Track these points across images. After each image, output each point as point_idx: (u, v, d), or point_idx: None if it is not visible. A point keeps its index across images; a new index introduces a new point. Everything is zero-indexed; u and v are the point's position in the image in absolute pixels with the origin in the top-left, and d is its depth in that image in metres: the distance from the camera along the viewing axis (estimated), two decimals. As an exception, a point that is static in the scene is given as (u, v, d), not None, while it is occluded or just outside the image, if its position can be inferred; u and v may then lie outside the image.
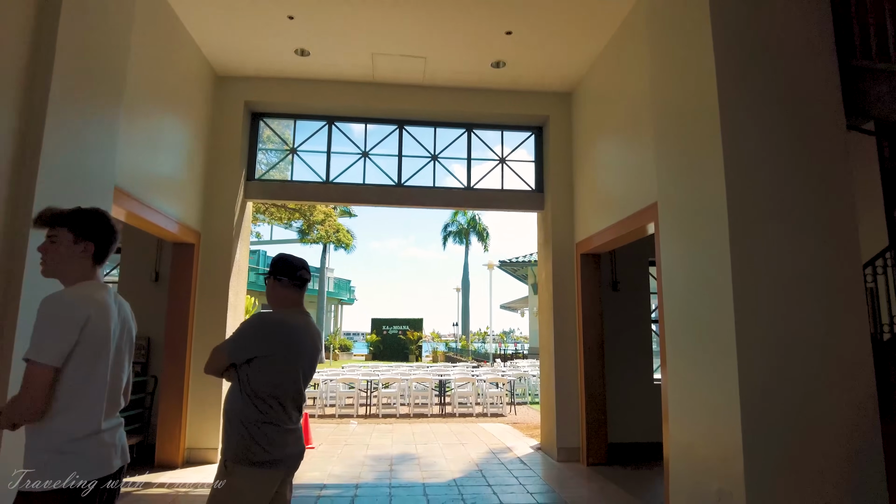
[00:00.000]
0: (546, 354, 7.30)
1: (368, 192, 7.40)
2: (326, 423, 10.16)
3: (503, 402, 11.85)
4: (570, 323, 7.00)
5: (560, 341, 6.96)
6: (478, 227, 35.68)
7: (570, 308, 7.03)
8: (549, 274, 7.23)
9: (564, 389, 6.88)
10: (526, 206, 7.61)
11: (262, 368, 2.44)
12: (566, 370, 6.91)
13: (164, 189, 5.85)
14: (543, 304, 7.47)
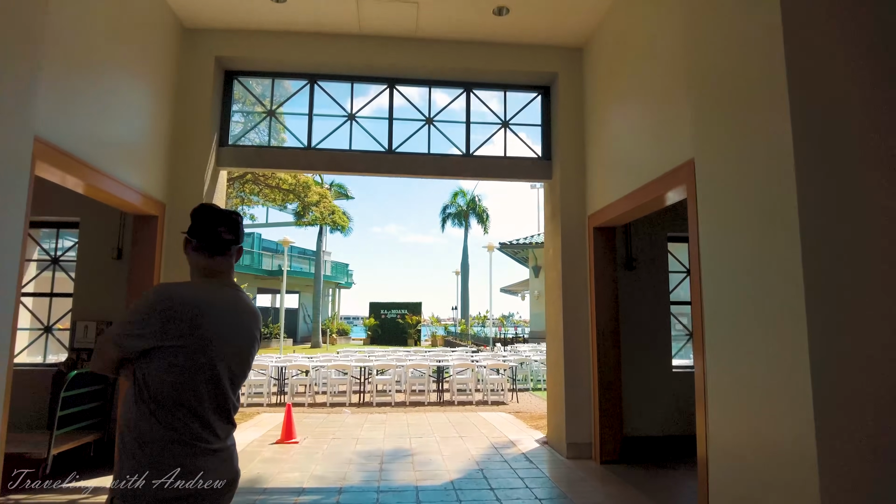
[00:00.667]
0: (554, 339, 6.58)
1: (355, 159, 6.62)
2: (316, 413, 9.49)
3: (504, 389, 11.19)
4: (581, 304, 6.27)
5: (570, 325, 6.23)
6: (478, 208, 34.86)
7: (582, 288, 6.29)
8: (557, 250, 6.48)
9: (575, 378, 6.17)
10: (531, 174, 6.83)
11: (164, 364, 1.70)
12: (577, 357, 6.19)
13: (123, 155, 5.10)
14: (551, 283, 6.74)
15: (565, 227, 6.38)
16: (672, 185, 4.49)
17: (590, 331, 6.16)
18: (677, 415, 6.54)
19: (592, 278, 6.12)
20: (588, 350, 6.19)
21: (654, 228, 6.89)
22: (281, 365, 10.97)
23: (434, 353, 15.95)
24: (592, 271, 6.12)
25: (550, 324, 6.75)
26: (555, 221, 6.61)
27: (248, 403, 10.44)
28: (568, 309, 6.25)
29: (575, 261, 6.33)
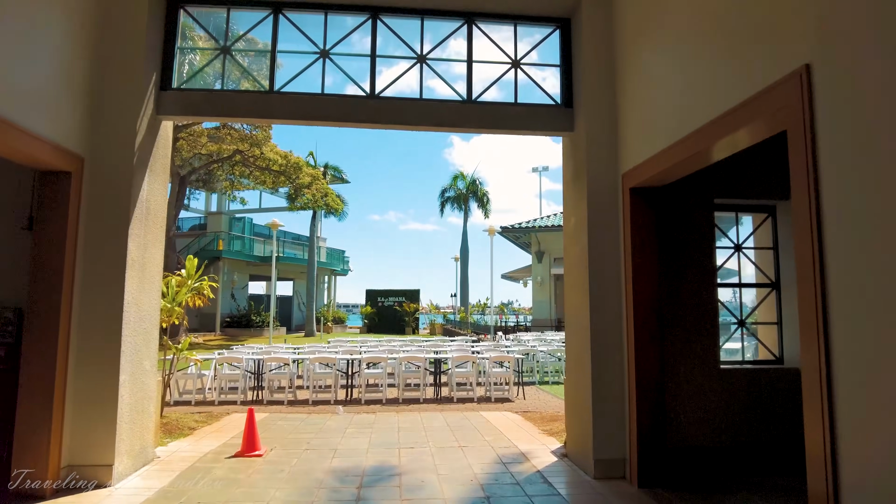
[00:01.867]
0: (577, 331, 5.32)
1: (329, 105, 5.31)
2: (295, 413, 8.26)
3: (510, 384, 9.97)
4: (613, 287, 4.99)
5: (599, 312, 4.96)
6: (479, 192, 33.50)
7: (613, 266, 5.01)
8: (581, 220, 5.19)
9: (605, 378, 4.91)
10: (549, 125, 5.52)
11: None
12: (607, 351, 4.93)
13: (23, 95, 3.83)
14: (573, 262, 5.46)
15: (593, 190, 5.09)
16: (756, 116, 3.21)
17: (624, 319, 4.89)
18: (728, 421, 5.30)
19: (629, 253, 4.84)
20: (622, 343, 4.93)
21: (696, 191, 5.60)
22: (258, 358, 9.73)
23: (432, 343, 14.73)
24: (629, 244, 4.84)
25: (572, 311, 5.48)
26: (578, 184, 5.31)
27: (220, 402, 9.21)
28: (597, 292, 4.97)
29: (605, 232, 5.05)
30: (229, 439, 6.28)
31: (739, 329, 5.94)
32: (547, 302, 25.86)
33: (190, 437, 6.34)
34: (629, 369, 4.79)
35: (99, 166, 4.69)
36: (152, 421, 5.18)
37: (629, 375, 4.79)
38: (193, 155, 26.01)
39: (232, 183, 29.44)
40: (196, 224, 33.79)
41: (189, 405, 8.98)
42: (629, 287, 4.80)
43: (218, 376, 9.46)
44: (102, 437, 4.43)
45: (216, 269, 30.37)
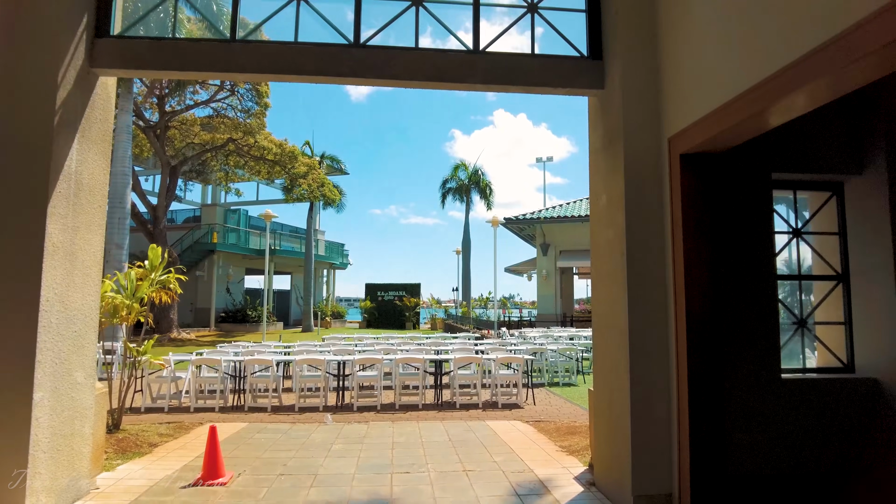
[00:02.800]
0: (609, 332, 4.34)
1: (303, 56, 4.31)
2: (278, 422, 7.31)
3: (518, 386, 9.01)
4: (657, 277, 4.01)
5: (639, 309, 3.98)
6: (481, 182, 32.46)
7: (657, 251, 4.03)
8: (616, 196, 4.20)
9: (647, 391, 3.94)
10: (572, 81, 4.51)
11: None
12: (650, 358, 3.96)
13: None
14: (604, 247, 4.48)
15: (631, 159, 4.09)
16: (853, 55, 2.24)
17: (672, 318, 3.90)
18: (791, 444, 4.34)
19: (678, 235, 3.85)
20: (668, 348, 3.95)
21: (751, 164, 4.60)
22: (238, 360, 8.77)
23: (432, 341, 13.79)
24: (678, 224, 3.85)
25: (602, 308, 4.50)
26: (611, 152, 4.32)
27: (196, 408, 8.26)
28: (637, 285, 3.99)
29: (646, 210, 4.06)
30: (193, 459, 5.32)
31: (799, 330, 4.96)
32: (552, 296, 24.91)
33: (147, 457, 5.39)
34: (678, 381, 3.82)
35: (4, 125, 3.71)
36: (88, 444, 4.22)
37: (678, 389, 3.82)
38: (186, 145, 25.04)
39: (226, 174, 28.45)
40: (190, 216, 32.81)
41: (161, 412, 8.04)
42: (679, 278, 3.81)
43: (194, 380, 8.51)
44: (7, 474, 3.47)
45: (210, 263, 29.45)
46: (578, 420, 7.53)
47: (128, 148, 15.85)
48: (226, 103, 24.12)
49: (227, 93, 23.38)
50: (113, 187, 15.71)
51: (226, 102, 24.10)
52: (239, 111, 24.06)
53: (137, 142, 25.10)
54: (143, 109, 23.33)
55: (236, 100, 23.87)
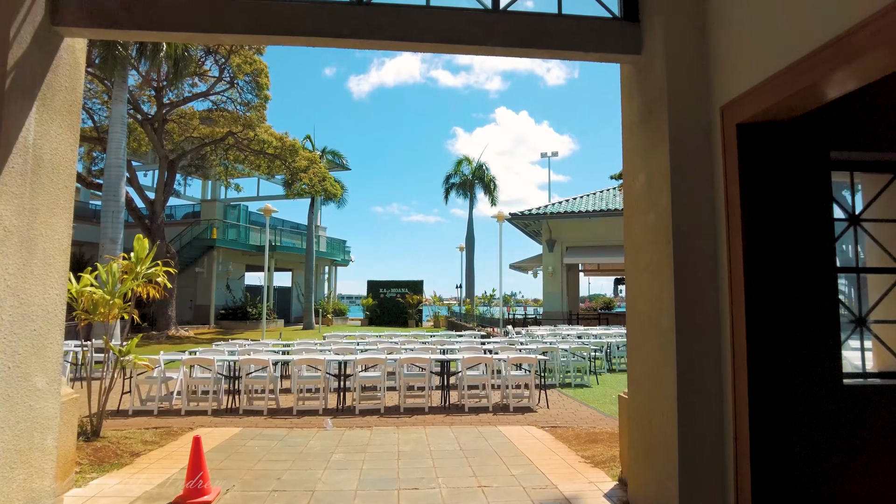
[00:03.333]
0: (648, 333, 3.78)
1: (300, 15, 3.76)
2: (274, 427, 6.79)
3: (531, 388, 8.45)
4: (708, 269, 3.45)
5: (689, 307, 3.42)
6: (485, 177, 31.86)
7: (709, 238, 3.47)
8: (659, 174, 3.64)
9: (697, 401, 3.39)
10: (604, 44, 3.95)
11: None
12: (700, 363, 3.40)
13: None
14: (642, 236, 3.92)
15: (678, 130, 3.53)
16: None
17: (728, 316, 3.35)
18: (856, 460, 3.78)
19: (736, 219, 3.29)
20: (720, 351, 3.40)
21: (807, 141, 4.03)
22: (234, 359, 8.24)
23: (437, 339, 13.25)
24: (736, 206, 3.28)
25: (640, 306, 3.94)
26: (652, 125, 3.76)
27: (187, 411, 7.74)
28: (686, 278, 3.43)
29: (695, 190, 3.50)
30: (178, 471, 4.79)
31: (858, 329, 4.40)
32: (558, 294, 24.35)
33: (126, 469, 4.85)
34: (735, 389, 3.26)
35: (-50, 90, 3.17)
36: (52, 459, 3.69)
37: (735, 398, 3.27)
38: (184, 138, 24.52)
39: (226, 168, 27.93)
40: (189, 212, 32.31)
41: (150, 416, 7.52)
42: (737, 268, 3.25)
43: (186, 381, 7.99)
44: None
45: (210, 259, 28.94)
46: (598, 425, 6.99)
47: (122, 139, 15.32)
48: (225, 96, 23.60)
49: (227, 84, 22.84)
50: (107, 180, 15.21)
51: (225, 95, 23.57)
52: (238, 104, 23.54)
53: (135, 136, 24.60)
54: (140, 102, 22.83)
55: (236, 92, 23.34)
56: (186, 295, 28.58)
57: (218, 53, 21.46)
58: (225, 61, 21.29)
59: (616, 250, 23.62)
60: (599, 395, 9.41)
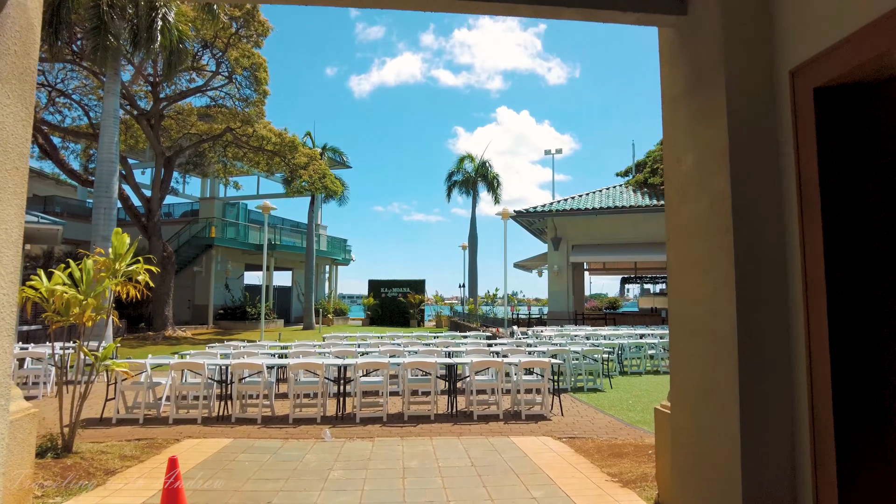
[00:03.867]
0: (698, 336, 3.23)
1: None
2: (268, 438, 6.25)
3: (544, 393, 7.90)
4: (775, 263, 2.90)
5: (752, 308, 2.86)
6: (488, 174, 31.31)
7: (775, 226, 2.92)
8: (714, 152, 3.08)
9: (764, 420, 2.83)
10: (646, 3, 3.40)
11: None
12: (767, 374, 2.85)
13: None
14: (688, 226, 3.37)
15: (736, 100, 2.98)
16: None
17: (799, 321, 2.79)
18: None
19: (811, 202, 2.73)
20: (790, 360, 2.84)
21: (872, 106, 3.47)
22: (224, 364, 7.70)
23: (442, 341, 12.72)
24: (813, 186, 2.73)
25: (687, 305, 3.39)
26: (703, 95, 3.20)
27: (175, 419, 7.20)
28: (749, 275, 2.88)
29: (759, 170, 2.95)
30: (155, 494, 4.25)
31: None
32: (564, 293, 23.79)
33: (97, 492, 4.31)
34: (814, 407, 2.71)
35: None
36: None
37: (814, 418, 2.71)
38: (182, 135, 24.00)
39: (225, 166, 27.40)
40: (188, 210, 31.80)
41: (135, 424, 6.99)
42: (816, 263, 2.70)
43: (175, 387, 7.45)
44: None
45: (209, 258, 28.43)
46: (619, 435, 6.45)
47: (115, 133, 14.79)
48: (223, 91, 23.08)
49: (225, 79, 22.31)
50: (99, 175, 14.68)
51: (223, 91, 23.05)
52: (237, 99, 23.03)
53: (132, 132, 24.09)
54: (137, 99, 22.31)
55: (234, 87, 22.81)
56: (184, 295, 28.08)
57: (215, 47, 20.93)
58: (222, 54, 20.76)
59: (623, 248, 23.09)
60: (615, 401, 8.87)
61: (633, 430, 6.80)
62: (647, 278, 28.03)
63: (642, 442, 6.01)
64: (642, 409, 8.22)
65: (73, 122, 23.67)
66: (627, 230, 22.99)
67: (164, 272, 22.03)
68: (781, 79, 2.96)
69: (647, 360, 12.86)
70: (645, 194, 23.36)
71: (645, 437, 6.27)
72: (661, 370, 12.65)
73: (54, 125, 22.42)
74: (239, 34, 20.41)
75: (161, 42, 14.77)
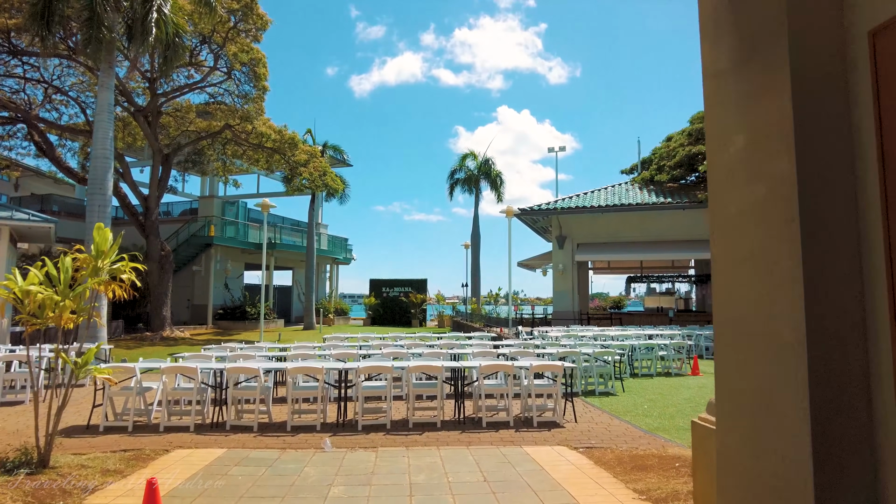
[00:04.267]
0: (752, 345, 2.81)
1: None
2: (264, 448, 5.85)
3: (556, 398, 7.47)
4: (849, 259, 2.49)
5: (822, 312, 2.45)
6: (491, 172, 30.88)
7: (848, 214, 2.50)
8: (772, 131, 2.67)
9: (840, 435, 2.42)
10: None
11: None
12: (841, 390, 2.43)
13: None
14: (740, 216, 2.95)
15: (800, 69, 2.56)
16: None
17: (884, 325, 2.38)
18: None
19: None
20: (867, 371, 2.43)
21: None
22: (219, 368, 7.29)
23: (446, 342, 12.31)
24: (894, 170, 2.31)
25: (736, 309, 2.97)
26: (758, 65, 2.78)
27: (166, 427, 6.80)
28: (818, 272, 2.46)
29: (829, 149, 2.53)
30: (136, 516, 3.84)
31: None
32: (569, 292, 23.35)
33: (73, 513, 3.91)
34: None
35: None
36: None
37: (896, 443, 2.29)
38: (181, 132, 23.60)
39: (224, 164, 26.99)
40: (186, 209, 31.39)
41: (124, 432, 6.60)
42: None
43: (166, 392, 7.05)
44: None
45: (208, 257, 28.02)
46: (639, 445, 6.03)
47: (109, 128, 14.37)
48: (222, 88, 22.67)
49: (223, 75, 21.89)
50: (93, 171, 14.26)
51: (222, 87, 22.64)
52: (236, 96, 22.61)
53: (130, 129, 23.69)
54: (135, 96, 21.91)
55: (233, 84, 22.40)
56: (183, 294, 27.70)
57: (213, 42, 20.52)
58: (220, 49, 20.35)
59: (629, 247, 22.64)
60: (629, 406, 8.45)
61: (653, 438, 6.38)
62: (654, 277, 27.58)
63: (666, 453, 5.60)
64: (658, 414, 7.81)
65: (70, 120, 23.30)
66: (634, 228, 22.57)
67: (161, 271, 21.64)
68: (857, 41, 2.53)
69: (657, 361, 12.44)
70: (652, 192, 22.91)
71: (668, 448, 5.86)
72: (672, 372, 12.24)
73: (51, 122, 22.03)
74: (237, 28, 20.00)
75: (156, 35, 14.35)
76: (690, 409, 8.23)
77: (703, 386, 10.44)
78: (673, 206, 21.12)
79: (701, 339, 15.58)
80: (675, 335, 14.99)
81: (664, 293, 27.49)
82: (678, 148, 23.01)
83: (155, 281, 21.51)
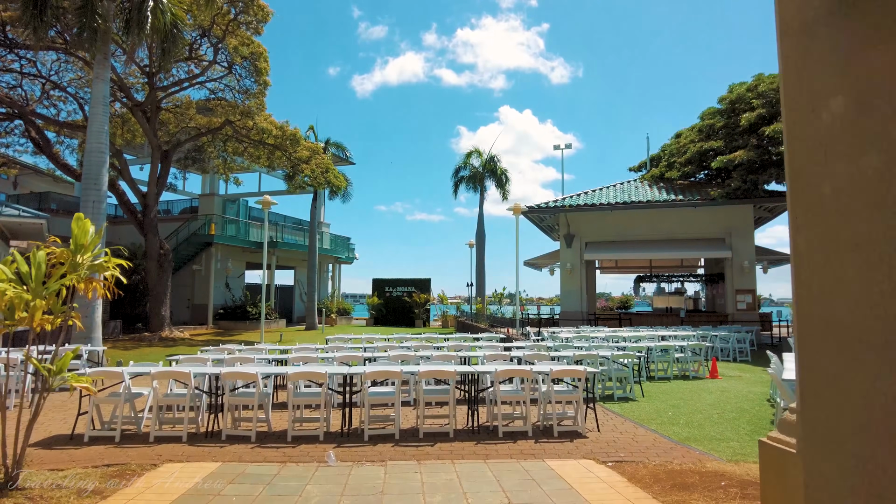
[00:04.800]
0: (859, 354, 2.28)
1: None
2: (262, 462, 5.32)
3: (576, 404, 6.94)
4: None
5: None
6: (496, 169, 30.30)
7: None
8: (884, 88, 2.14)
9: None
10: None
11: None
12: None
13: None
14: (836, 196, 2.41)
15: None
16: None
17: None
18: None
19: None
20: None
21: None
22: (214, 373, 6.77)
23: (453, 344, 11.77)
24: None
25: (829, 309, 2.43)
26: (862, 12, 2.25)
27: (157, 437, 6.28)
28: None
29: (972, 106, 1.99)
30: (112, 548, 3.32)
31: None
32: (577, 292, 22.81)
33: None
34: None
35: None
36: None
37: None
38: (181, 129, 23.11)
39: (224, 161, 26.49)
40: (187, 207, 30.91)
41: (111, 443, 6.08)
42: None
43: (157, 399, 6.54)
44: None
45: (208, 256, 27.54)
46: (673, 457, 5.50)
47: (104, 121, 13.88)
48: (223, 83, 22.17)
49: (224, 70, 21.40)
50: (87, 166, 13.77)
51: (223, 83, 22.14)
52: (237, 91, 22.10)
53: (129, 126, 23.21)
54: (134, 92, 21.43)
55: (234, 79, 21.89)
56: (183, 294, 27.23)
57: (213, 35, 20.02)
58: (220, 42, 19.84)
59: (639, 245, 22.09)
60: (652, 412, 7.91)
61: (686, 450, 5.85)
62: (664, 277, 27.01)
63: (705, 468, 5.07)
64: (686, 422, 7.27)
65: (68, 116, 22.82)
66: (643, 226, 22.02)
67: (160, 270, 21.16)
68: None
69: (673, 363, 11.90)
70: (662, 189, 22.35)
71: (705, 462, 5.33)
72: (689, 375, 11.70)
73: (49, 118, 21.55)
74: (238, 20, 19.49)
75: (153, 24, 13.83)
76: (717, 415, 7.69)
77: (724, 390, 9.90)
78: (685, 203, 20.56)
79: (716, 340, 15.03)
80: (689, 336, 14.47)
81: (673, 293, 26.90)
82: (689, 144, 22.45)
83: (154, 280, 21.02)
